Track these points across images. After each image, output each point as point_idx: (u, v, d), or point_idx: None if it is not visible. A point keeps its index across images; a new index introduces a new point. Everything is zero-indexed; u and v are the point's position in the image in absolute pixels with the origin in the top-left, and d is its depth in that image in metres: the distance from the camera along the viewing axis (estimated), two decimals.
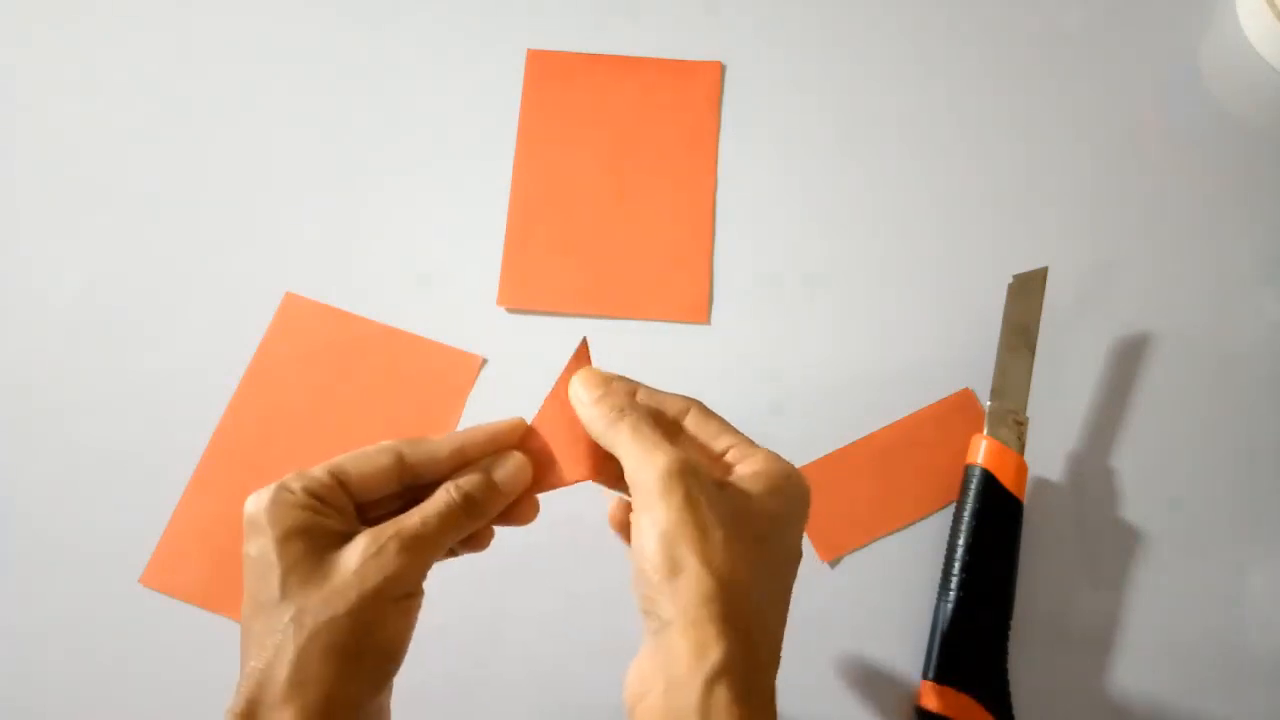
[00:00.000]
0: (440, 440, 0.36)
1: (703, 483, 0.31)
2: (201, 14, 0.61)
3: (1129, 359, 0.53)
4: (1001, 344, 0.51)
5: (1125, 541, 0.50)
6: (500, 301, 0.54)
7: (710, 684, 0.29)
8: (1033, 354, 0.50)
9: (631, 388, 0.36)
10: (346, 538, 0.33)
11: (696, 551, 0.30)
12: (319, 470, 0.34)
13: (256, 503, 0.33)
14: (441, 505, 0.34)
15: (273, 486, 0.33)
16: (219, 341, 0.53)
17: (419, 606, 0.34)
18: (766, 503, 0.32)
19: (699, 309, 0.54)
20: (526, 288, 0.55)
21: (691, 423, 0.35)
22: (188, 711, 0.46)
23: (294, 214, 0.56)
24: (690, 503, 0.31)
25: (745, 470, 0.33)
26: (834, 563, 0.49)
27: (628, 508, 0.36)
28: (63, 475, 0.50)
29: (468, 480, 0.35)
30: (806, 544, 0.49)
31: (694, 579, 0.30)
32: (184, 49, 0.60)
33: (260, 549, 0.32)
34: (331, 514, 0.33)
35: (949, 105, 0.59)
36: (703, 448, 0.35)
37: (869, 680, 0.47)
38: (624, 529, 0.37)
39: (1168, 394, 0.52)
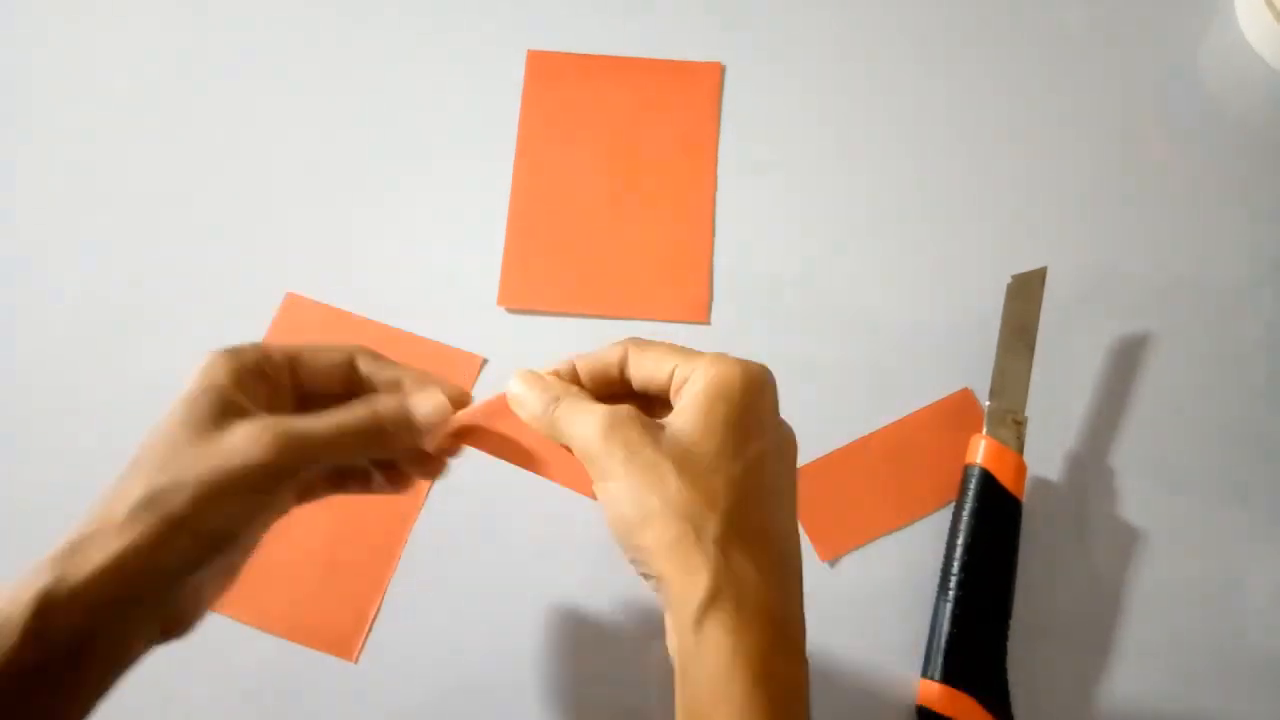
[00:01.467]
0: (395, 368, 0.36)
1: (641, 429, 0.31)
2: (201, 14, 0.61)
3: (1128, 359, 0.53)
4: (1000, 344, 0.51)
5: (1124, 541, 0.50)
6: (500, 301, 0.54)
7: (699, 621, 0.29)
8: (1032, 354, 0.50)
9: (568, 368, 0.35)
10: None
11: (657, 493, 0.30)
12: (277, 350, 0.34)
13: (208, 355, 0.33)
14: (346, 416, 0.33)
15: (231, 346, 0.33)
16: (219, 342, 0.52)
17: (275, 509, 0.33)
18: (717, 414, 0.31)
19: (699, 309, 0.54)
20: (526, 288, 0.55)
21: (632, 363, 0.34)
22: (186, 710, 0.46)
23: (294, 214, 0.56)
24: (632, 450, 0.30)
25: (690, 390, 0.32)
26: (834, 563, 0.49)
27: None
28: (63, 475, 0.50)
29: (383, 403, 0.34)
30: (806, 544, 0.49)
31: (663, 520, 0.29)
32: (184, 50, 0.60)
33: (180, 394, 0.32)
34: (260, 393, 0.33)
35: (948, 105, 0.59)
36: (646, 386, 0.34)
37: (869, 680, 0.47)
38: None
39: (1167, 394, 0.52)
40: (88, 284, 0.54)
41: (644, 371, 0.34)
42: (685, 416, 0.31)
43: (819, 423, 0.52)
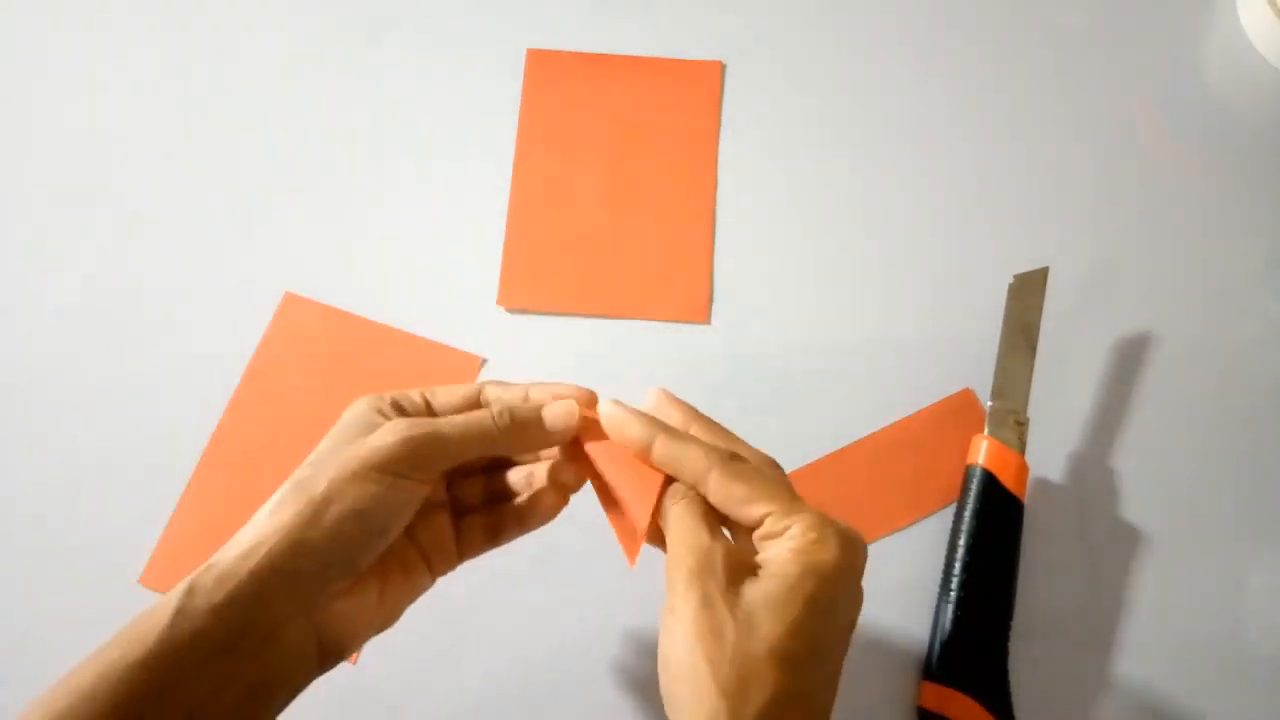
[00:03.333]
0: (520, 387, 0.37)
1: (725, 585, 0.30)
2: (201, 14, 0.61)
3: (1130, 359, 0.53)
4: (1002, 344, 0.51)
5: (1125, 541, 0.50)
6: (500, 301, 0.54)
7: None
8: (1034, 354, 0.50)
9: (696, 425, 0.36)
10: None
11: (710, 660, 0.29)
12: (427, 432, 0.34)
13: (355, 402, 0.35)
14: (477, 412, 0.35)
15: (406, 421, 0.34)
16: (219, 341, 0.53)
17: (409, 505, 0.34)
18: (800, 594, 0.30)
19: (699, 309, 0.54)
20: (526, 288, 0.55)
21: (714, 488, 0.33)
22: None
23: (294, 214, 0.56)
24: (707, 603, 0.30)
25: (782, 555, 0.31)
26: None
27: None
28: (63, 475, 0.50)
29: (512, 400, 0.36)
30: None
31: (705, 690, 0.29)
32: (185, 51, 0.60)
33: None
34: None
35: (949, 105, 0.59)
36: (727, 514, 0.34)
37: (869, 680, 0.47)
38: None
39: (1168, 394, 0.52)
40: (88, 284, 0.54)
41: (727, 504, 0.33)
42: (768, 589, 0.31)
43: (820, 423, 0.52)
